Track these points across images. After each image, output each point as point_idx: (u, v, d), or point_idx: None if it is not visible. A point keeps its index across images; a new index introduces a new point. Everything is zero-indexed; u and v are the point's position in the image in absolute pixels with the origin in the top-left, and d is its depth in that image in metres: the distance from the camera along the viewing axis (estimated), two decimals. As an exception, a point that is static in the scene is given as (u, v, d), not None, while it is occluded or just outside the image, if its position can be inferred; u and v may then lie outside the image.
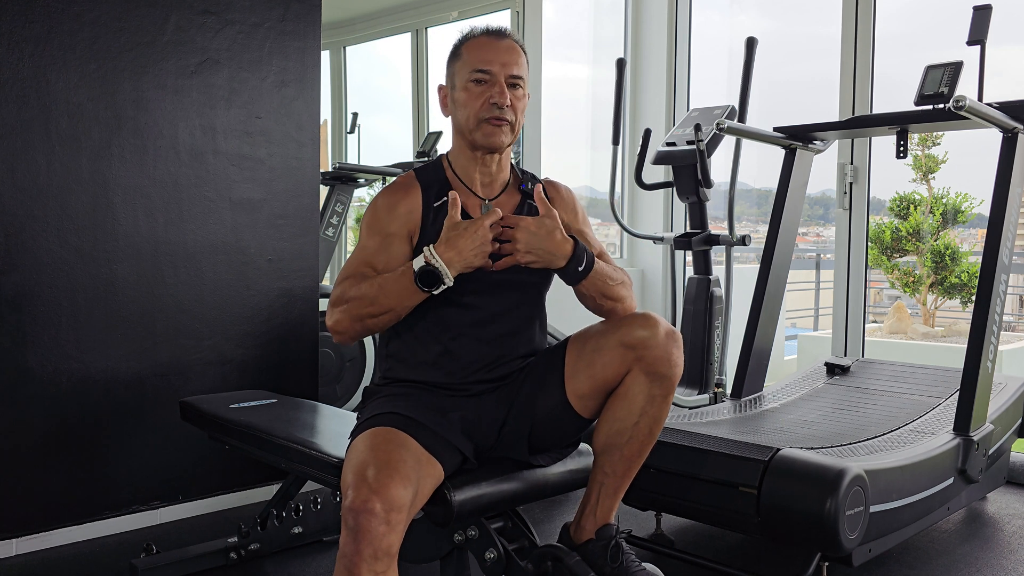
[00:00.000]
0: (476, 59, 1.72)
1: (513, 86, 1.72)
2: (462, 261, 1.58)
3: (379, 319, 1.63)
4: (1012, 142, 2.45)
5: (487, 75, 1.71)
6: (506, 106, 1.70)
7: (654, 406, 1.67)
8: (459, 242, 1.57)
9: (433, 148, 3.77)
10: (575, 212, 1.88)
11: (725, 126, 2.79)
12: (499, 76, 1.71)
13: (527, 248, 1.61)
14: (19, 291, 2.30)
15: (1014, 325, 7.48)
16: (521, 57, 1.75)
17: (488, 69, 1.70)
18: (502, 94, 1.70)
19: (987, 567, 2.26)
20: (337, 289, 1.65)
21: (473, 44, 1.74)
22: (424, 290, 1.58)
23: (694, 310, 3.42)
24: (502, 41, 1.74)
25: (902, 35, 6.59)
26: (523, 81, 1.74)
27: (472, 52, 1.73)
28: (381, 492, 1.39)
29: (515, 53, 1.74)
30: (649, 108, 4.53)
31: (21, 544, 2.34)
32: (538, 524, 2.48)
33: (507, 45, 1.74)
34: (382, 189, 1.80)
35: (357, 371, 3.45)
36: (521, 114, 1.75)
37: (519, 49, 1.76)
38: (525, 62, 1.77)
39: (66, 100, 2.35)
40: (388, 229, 1.71)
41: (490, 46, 1.73)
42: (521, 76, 1.74)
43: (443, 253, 1.57)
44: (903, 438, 2.36)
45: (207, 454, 2.61)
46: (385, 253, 1.69)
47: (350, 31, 4.67)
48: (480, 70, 1.71)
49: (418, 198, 1.74)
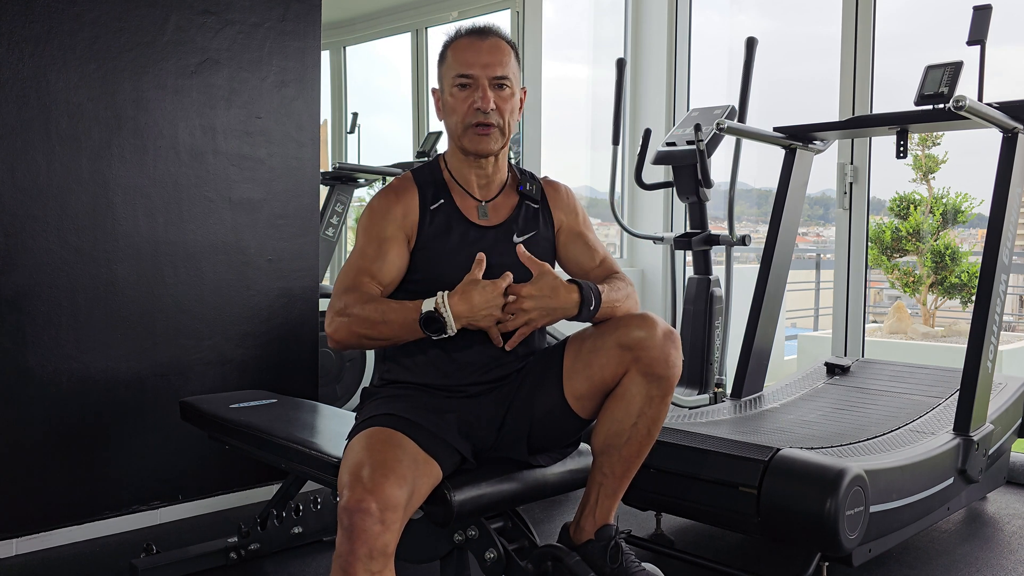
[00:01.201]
0: (459, 63, 1.70)
1: (499, 87, 1.70)
2: (470, 317, 1.58)
3: (376, 342, 1.65)
4: (1012, 142, 2.45)
5: (469, 79, 1.69)
6: (490, 110, 1.68)
7: (652, 407, 1.66)
8: (473, 297, 1.57)
9: (433, 148, 3.77)
10: (575, 212, 1.87)
11: (725, 126, 2.79)
12: (482, 79, 1.69)
13: (539, 314, 1.60)
14: (19, 291, 2.30)
15: (1014, 325, 7.48)
16: (507, 55, 1.72)
17: (470, 73, 1.69)
18: (484, 99, 1.68)
19: (987, 567, 2.26)
20: (340, 299, 1.63)
21: (457, 46, 1.72)
22: (425, 333, 1.58)
23: (694, 310, 3.42)
24: (485, 41, 1.71)
25: (902, 35, 6.60)
26: (510, 80, 1.71)
27: (456, 55, 1.71)
28: (376, 492, 1.39)
29: (498, 52, 1.71)
30: (649, 108, 4.53)
31: (21, 544, 2.34)
32: (538, 524, 2.48)
33: (490, 45, 1.71)
34: (378, 192, 1.79)
35: (357, 371, 3.45)
36: (511, 114, 1.73)
37: (504, 46, 1.72)
38: (513, 59, 1.73)
39: (66, 100, 2.35)
40: (384, 233, 1.70)
41: (472, 48, 1.70)
42: (506, 76, 1.70)
43: (455, 305, 1.57)
44: (903, 438, 2.36)
45: (207, 454, 2.61)
46: (382, 260, 1.69)
47: (350, 31, 4.67)
48: (462, 74, 1.69)
49: (414, 200, 1.74)
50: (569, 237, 1.85)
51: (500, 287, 1.59)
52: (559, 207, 1.85)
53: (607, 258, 1.85)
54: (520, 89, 1.78)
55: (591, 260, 1.84)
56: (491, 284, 1.58)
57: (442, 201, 1.75)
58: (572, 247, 1.85)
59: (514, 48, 1.75)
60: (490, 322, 1.60)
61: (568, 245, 1.85)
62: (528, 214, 1.81)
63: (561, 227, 1.85)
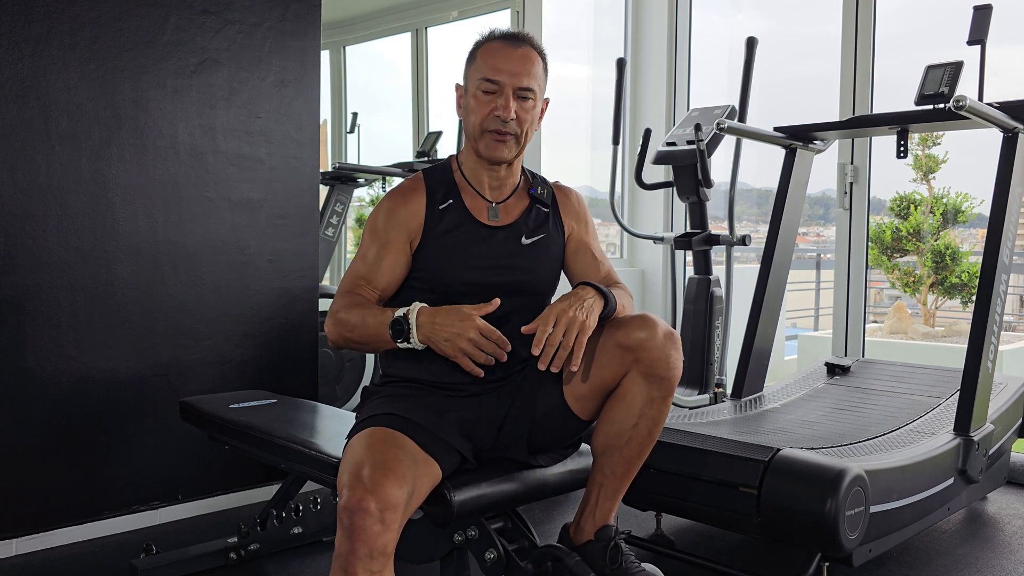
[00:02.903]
0: (487, 67, 1.70)
1: (523, 97, 1.70)
2: (430, 334, 1.58)
3: (361, 345, 1.69)
4: (1012, 142, 2.45)
5: (495, 85, 1.69)
6: (511, 120, 1.69)
7: (653, 408, 1.66)
8: (439, 315, 1.59)
9: (433, 148, 3.77)
10: (584, 222, 1.88)
11: (725, 126, 2.79)
12: (507, 87, 1.68)
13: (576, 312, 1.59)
14: (19, 291, 2.30)
15: (1014, 325, 7.47)
16: (536, 66, 1.72)
17: (496, 79, 1.68)
18: (506, 108, 1.68)
19: (987, 567, 2.26)
20: (337, 302, 1.70)
21: (488, 50, 1.72)
22: (392, 338, 1.60)
23: (694, 310, 3.42)
24: (517, 49, 1.70)
25: (902, 35, 6.59)
26: (534, 93, 1.71)
27: (485, 58, 1.71)
28: (376, 491, 1.39)
29: (528, 62, 1.70)
30: (649, 108, 4.53)
31: (21, 544, 2.34)
32: (538, 524, 2.48)
33: (521, 54, 1.70)
34: (388, 192, 1.80)
35: (357, 371, 3.45)
36: (531, 125, 1.73)
37: (534, 57, 1.72)
38: (541, 70, 1.73)
39: (66, 100, 2.35)
40: (386, 237, 1.72)
41: (503, 54, 1.70)
42: (531, 88, 1.70)
43: (420, 315, 1.59)
44: (903, 438, 2.36)
45: (207, 454, 2.61)
46: (378, 265, 1.72)
47: (350, 31, 4.67)
48: (489, 79, 1.69)
49: (422, 201, 1.74)
50: (577, 247, 1.87)
51: (474, 317, 1.58)
52: (570, 213, 1.86)
53: (611, 271, 1.87)
54: (543, 99, 1.78)
55: (596, 272, 1.85)
56: (467, 311, 1.58)
57: (451, 201, 1.76)
58: (579, 257, 1.86)
59: (544, 59, 1.75)
60: (453, 349, 1.58)
61: (575, 254, 1.86)
62: (538, 217, 1.81)
63: (571, 234, 1.86)
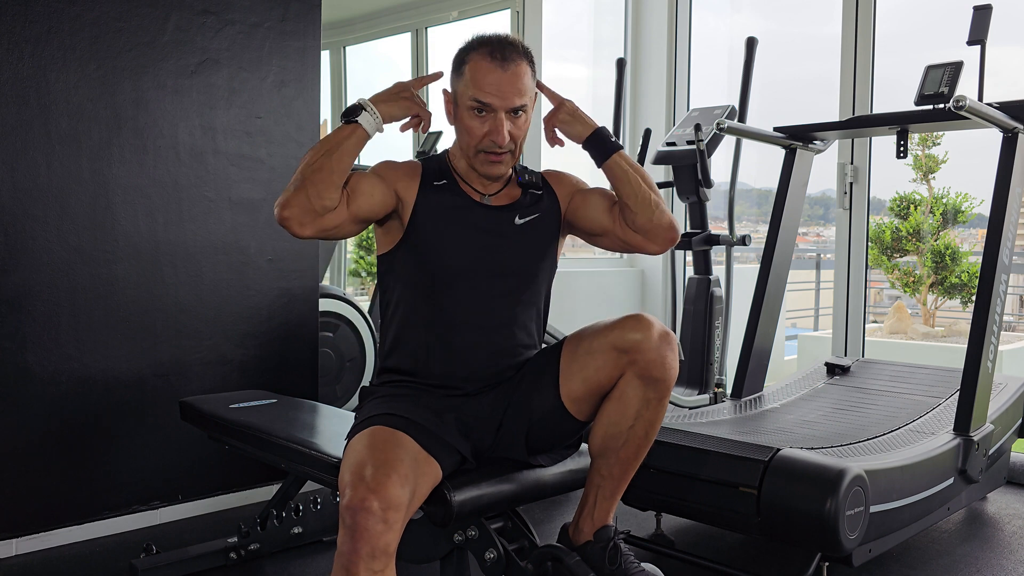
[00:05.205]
0: (478, 87, 1.66)
1: (515, 114, 1.69)
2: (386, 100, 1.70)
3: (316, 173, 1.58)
4: (1012, 142, 2.45)
5: (487, 107, 1.67)
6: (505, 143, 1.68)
7: (649, 409, 1.66)
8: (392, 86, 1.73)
9: (433, 148, 3.77)
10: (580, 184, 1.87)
11: (725, 126, 2.79)
12: (500, 112, 1.66)
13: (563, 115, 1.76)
14: (19, 291, 2.30)
15: (1014, 325, 7.47)
16: (526, 80, 1.68)
17: (488, 102, 1.66)
18: (500, 133, 1.66)
19: (987, 567, 2.26)
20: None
21: (476, 67, 1.67)
22: (344, 121, 1.66)
23: (694, 310, 3.42)
24: (507, 71, 1.65)
25: (901, 35, 6.59)
26: (526, 107, 1.70)
27: (475, 75, 1.67)
28: (379, 491, 1.39)
29: (520, 79, 1.67)
30: (649, 108, 4.53)
31: (21, 544, 2.34)
32: (538, 524, 2.48)
33: (511, 75, 1.66)
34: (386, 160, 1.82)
35: (357, 371, 3.45)
36: (523, 138, 1.73)
37: (523, 70, 1.68)
38: (530, 78, 1.70)
39: (66, 100, 2.35)
40: (382, 173, 1.74)
41: (493, 76, 1.65)
42: (524, 104, 1.69)
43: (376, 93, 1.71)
44: (903, 438, 2.36)
45: (207, 454, 2.61)
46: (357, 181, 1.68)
47: (350, 31, 4.67)
48: (480, 100, 1.66)
49: (417, 177, 1.76)
50: (582, 198, 1.83)
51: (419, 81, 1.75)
52: (564, 186, 1.86)
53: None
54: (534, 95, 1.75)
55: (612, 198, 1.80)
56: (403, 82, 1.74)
57: (446, 181, 1.77)
58: (588, 201, 1.83)
59: (531, 62, 1.71)
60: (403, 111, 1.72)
61: (583, 204, 1.83)
62: (532, 199, 1.81)
63: (570, 200, 1.84)
